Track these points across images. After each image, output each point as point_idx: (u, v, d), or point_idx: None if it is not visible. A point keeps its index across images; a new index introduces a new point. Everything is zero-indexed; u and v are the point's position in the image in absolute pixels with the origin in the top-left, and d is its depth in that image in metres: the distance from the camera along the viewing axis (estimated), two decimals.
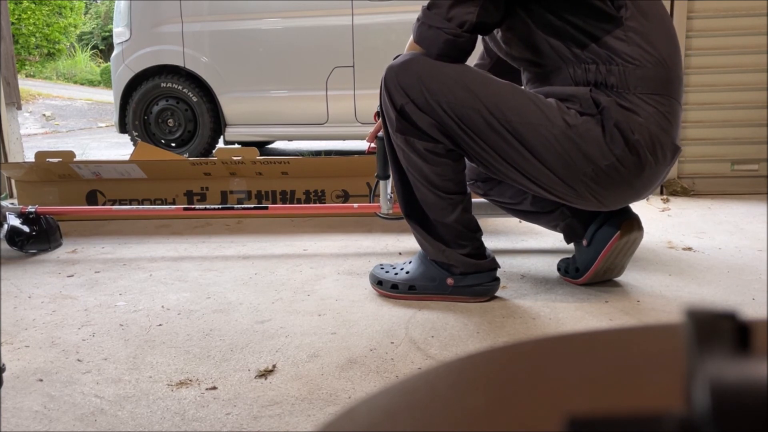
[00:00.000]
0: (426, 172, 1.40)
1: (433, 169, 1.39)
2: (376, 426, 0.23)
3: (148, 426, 0.98)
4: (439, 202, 1.42)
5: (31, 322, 1.43)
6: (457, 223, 1.43)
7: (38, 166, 2.39)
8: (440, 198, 1.42)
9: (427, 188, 1.42)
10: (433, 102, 1.34)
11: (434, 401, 0.25)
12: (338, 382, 1.11)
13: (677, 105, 1.36)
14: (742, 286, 1.55)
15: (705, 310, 0.18)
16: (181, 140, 4.44)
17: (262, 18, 4.13)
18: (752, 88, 2.65)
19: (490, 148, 1.34)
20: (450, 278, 1.46)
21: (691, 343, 0.18)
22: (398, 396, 0.25)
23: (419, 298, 1.49)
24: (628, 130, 1.28)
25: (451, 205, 1.42)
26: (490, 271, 1.47)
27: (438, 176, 1.40)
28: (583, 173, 1.31)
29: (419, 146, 1.38)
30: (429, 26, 1.34)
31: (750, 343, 0.18)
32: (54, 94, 10.28)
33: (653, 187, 1.40)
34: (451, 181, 1.41)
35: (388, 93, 1.38)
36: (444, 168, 1.39)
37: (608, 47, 1.30)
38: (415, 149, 1.39)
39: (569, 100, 1.33)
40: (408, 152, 1.40)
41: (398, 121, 1.38)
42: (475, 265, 1.45)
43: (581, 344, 0.28)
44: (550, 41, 1.35)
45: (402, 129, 1.39)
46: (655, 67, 1.31)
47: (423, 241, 1.48)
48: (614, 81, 1.30)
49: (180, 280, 1.70)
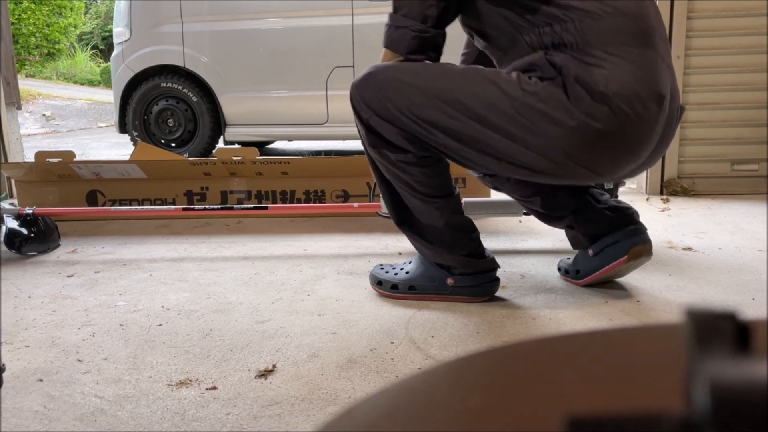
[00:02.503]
0: (406, 179, 1.39)
1: (412, 177, 1.39)
2: (376, 426, 0.23)
3: (148, 426, 0.98)
4: (426, 207, 1.42)
5: (31, 322, 1.43)
6: (448, 226, 1.43)
7: (38, 166, 2.39)
8: (426, 203, 1.41)
9: (412, 195, 1.41)
10: (395, 110, 1.32)
11: (434, 401, 0.25)
12: (338, 382, 1.11)
13: (654, 54, 1.27)
14: (742, 286, 1.55)
15: (705, 310, 0.18)
16: (181, 140, 4.44)
17: (262, 18, 4.13)
18: (752, 88, 2.65)
19: (460, 141, 1.31)
20: (450, 278, 1.46)
21: (691, 343, 0.18)
22: (398, 396, 0.25)
23: (419, 298, 1.49)
24: (591, 83, 1.21)
25: (438, 209, 1.42)
26: (489, 272, 1.47)
27: (418, 183, 1.39)
28: (556, 140, 1.24)
29: (392, 158, 1.37)
30: (396, 27, 1.34)
31: (750, 343, 0.18)
32: (54, 94, 10.28)
33: (651, 145, 1.30)
34: (431, 186, 1.40)
35: (355, 110, 1.38)
36: (420, 175, 1.38)
37: (559, 5, 1.25)
38: (389, 161, 1.38)
39: (530, 69, 1.28)
40: (385, 164, 1.40)
41: (368, 136, 1.38)
42: (475, 265, 1.45)
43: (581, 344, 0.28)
44: (503, 12, 1.31)
45: (373, 143, 1.38)
46: (616, 17, 1.24)
47: (420, 246, 1.48)
48: (571, 39, 1.24)
49: (180, 280, 1.70)
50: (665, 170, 2.73)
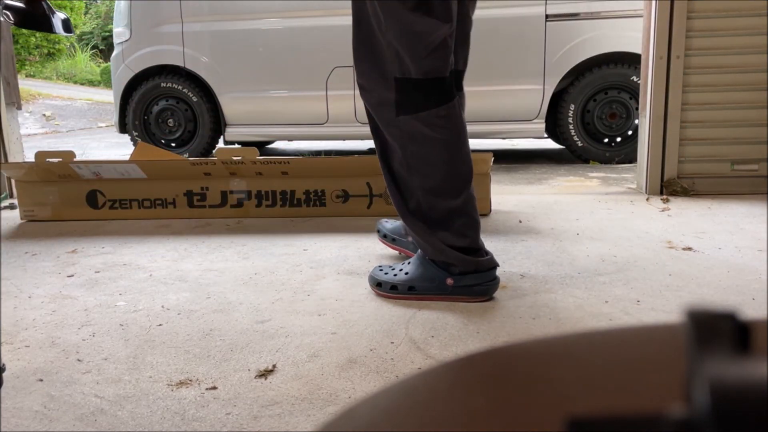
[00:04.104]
0: (440, 146, 1.36)
1: (445, 134, 1.35)
2: (376, 426, 0.23)
3: (148, 426, 0.98)
4: (451, 181, 1.39)
5: (31, 322, 1.43)
6: (466, 203, 1.41)
7: (38, 166, 2.39)
8: (452, 175, 1.39)
9: (441, 167, 1.37)
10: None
11: (434, 401, 0.25)
12: (338, 382, 1.11)
13: None
14: (742, 286, 1.55)
15: (705, 310, 0.18)
16: (181, 140, 4.44)
17: (262, 18, 4.13)
18: (752, 88, 2.65)
19: None
20: (449, 278, 1.46)
21: (691, 343, 0.18)
22: (398, 396, 0.25)
23: (419, 298, 1.49)
24: None
25: (463, 179, 1.39)
26: (489, 271, 1.47)
27: (454, 146, 1.36)
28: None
29: (424, 116, 1.33)
30: None
31: (750, 343, 0.18)
32: (54, 94, 10.27)
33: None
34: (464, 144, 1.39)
35: (363, 90, 1.39)
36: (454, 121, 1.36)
37: None
38: (422, 121, 1.34)
39: None
40: (415, 133, 1.36)
41: (399, 100, 1.34)
42: (475, 263, 1.45)
43: (581, 344, 0.28)
44: None
45: (402, 106, 1.34)
46: None
47: (421, 240, 1.47)
48: None
49: (180, 280, 1.70)
50: (665, 170, 2.73)
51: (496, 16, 3.83)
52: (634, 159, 3.33)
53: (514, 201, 2.64)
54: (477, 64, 3.97)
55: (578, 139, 3.95)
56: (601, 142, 3.97)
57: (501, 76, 3.90)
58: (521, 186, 3.17)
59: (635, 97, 3.82)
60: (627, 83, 3.86)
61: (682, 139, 2.71)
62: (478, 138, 4.36)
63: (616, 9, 3.77)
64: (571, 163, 4.01)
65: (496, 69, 3.88)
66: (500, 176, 3.46)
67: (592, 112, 3.93)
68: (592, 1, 3.80)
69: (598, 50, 3.82)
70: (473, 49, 1.50)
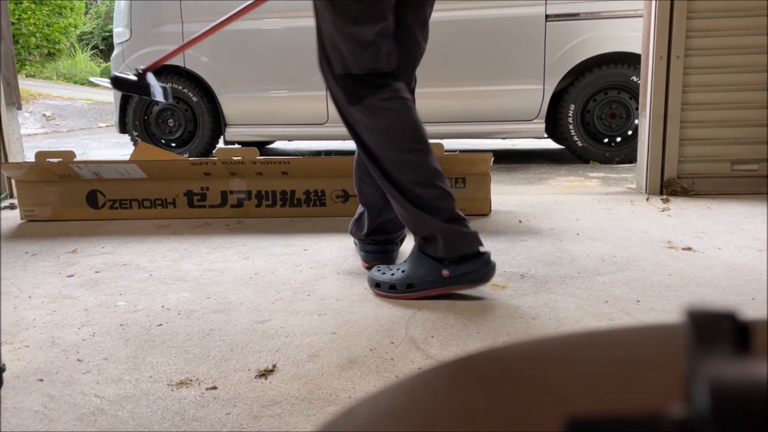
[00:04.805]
0: (387, 129, 1.47)
1: (388, 117, 1.47)
2: (376, 426, 0.23)
3: (148, 426, 0.98)
4: (408, 159, 1.47)
5: (31, 322, 1.43)
6: (430, 178, 1.47)
7: (38, 166, 2.39)
8: (408, 152, 1.47)
9: (395, 148, 1.48)
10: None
11: (434, 401, 0.25)
12: (338, 382, 1.11)
13: None
14: (742, 286, 1.55)
15: (705, 310, 0.18)
16: (181, 140, 4.44)
17: (262, 18, 4.13)
18: (752, 88, 2.65)
19: None
20: (445, 269, 1.46)
21: (691, 343, 0.18)
22: (398, 396, 0.25)
23: (419, 295, 1.49)
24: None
25: (421, 156, 1.47)
26: (481, 256, 1.46)
27: (400, 127, 1.47)
28: None
29: (373, 101, 1.47)
30: None
31: (750, 343, 0.18)
32: (54, 94, 10.27)
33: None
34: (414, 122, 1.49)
35: (324, 77, 1.55)
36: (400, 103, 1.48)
37: None
38: (371, 108, 1.47)
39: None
40: (367, 119, 1.49)
41: (345, 93, 1.50)
42: (458, 232, 1.45)
43: (581, 344, 0.28)
44: None
45: (349, 98, 1.49)
46: None
47: (406, 214, 1.50)
48: None
49: (180, 280, 1.70)
50: (665, 170, 2.73)
51: (496, 16, 3.83)
52: (634, 159, 3.33)
53: (514, 201, 2.64)
54: (477, 64, 3.98)
55: (578, 139, 3.95)
56: (601, 142, 3.97)
57: (501, 76, 3.90)
58: (521, 186, 3.17)
59: (635, 97, 3.82)
60: (627, 83, 3.86)
61: (682, 139, 2.71)
62: (478, 138, 4.36)
63: (616, 9, 3.77)
64: (571, 163, 4.02)
65: (496, 69, 3.88)
66: (500, 176, 3.46)
67: (592, 112, 3.93)
68: (592, 1, 3.80)
69: (598, 50, 3.82)
70: (473, 49, 1.52)
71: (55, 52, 12.12)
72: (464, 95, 3.94)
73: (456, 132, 4.06)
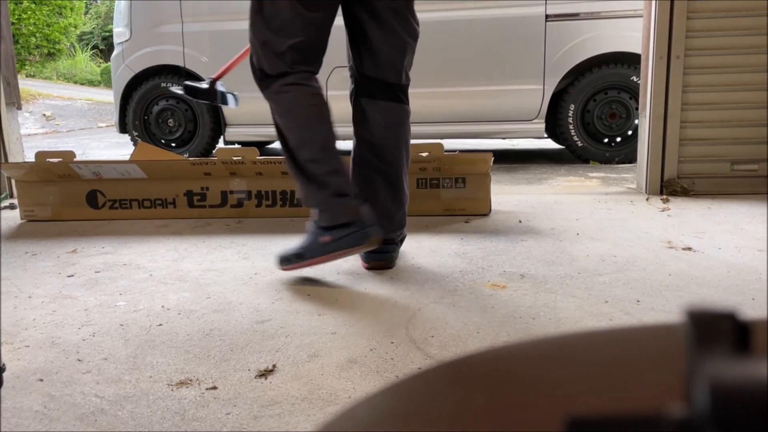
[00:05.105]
0: (282, 113, 1.66)
1: (282, 102, 1.66)
2: (376, 426, 0.23)
3: (148, 426, 0.98)
4: (306, 136, 1.64)
5: (31, 322, 1.43)
6: (323, 157, 1.62)
7: (38, 166, 2.39)
8: (306, 130, 1.64)
9: (295, 128, 1.65)
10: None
11: (434, 401, 0.25)
12: (338, 382, 1.11)
13: None
14: (742, 286, 1.55)
15: (705, 310, 0.18)
16: (181, 140, 4.44)
17: None
18: (752, 88, 2.65)
19: None
20: (325, 236, 1.57)
21: (691, 343, 0.18)
22: (398, 396, 0.25)
23: (308, 263, 1.62)
24: None
25: (317, 133, 1.64)
26: (360, 222, 1.57)
27: (293, 111, 1.64)
28: None
29: (276, 87, 1.64)
30: None
31: (750, 343, 0.18)
32: (54, 94, 10.27)
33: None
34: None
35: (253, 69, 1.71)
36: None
37: None
38: (274, 92, 1.66)
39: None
40: (272, 102, 1.68)
41: (257, 81, 1.69)
42: (342, 206, 1.58)
43: (581, 344, 0.28)
44: None
45: (261, 83, 1.69)
46: None
47: (300, 187, 1.64)
48: None
49: (180, 280, 1.70)
50: (665, 170, 2.73)
51: (496, 16, 3.83)
52: (634, 159, 3.33)
53: (514, 201, 2.64)
54: (477, 63, 3.98)
55: (578, 139, 3.95)
56: (601, 142, 3.97)
57: (501, 76, 3.90)
58: (521, 186, 3.17)
59: (635, 97, 3.82)
60: (627, 83, 3.86)
61: (682, 139, 2.71)
62: (478, 138, 4.36)
63: (616, 9, 3.77)
64: (571, 163, 4.02)
65: (496, 69, 3.88)
66: (500, 176, 3.46)
67: (592, 112, 3.93)
68: (592, 1, 3.80)
69: (598, 50, 3.82)
70: (473, 49, 1.52)
71: (55, 52, 12.12)
72: (464, 95, 3.94)
73: (456, 132, 4.06)
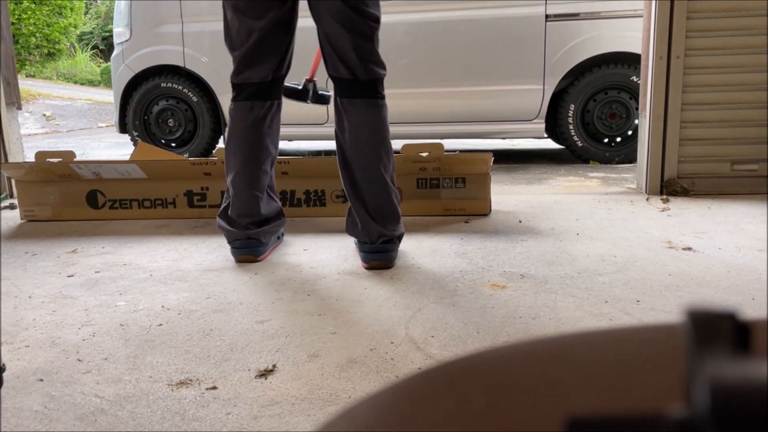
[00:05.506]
0: (230, 132, 1.80)
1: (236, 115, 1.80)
2: (376, 426, 0.23)
3: (148, 426, 0.98)
4: (230, 160, 1.81)
5: (31, 322, 1.43)
6: (234, 180, 1.80)
7: (38, 166, 2.39)
8: (232, 154, 1.80)
9: (228, 150, 1.81)
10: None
11: (434, 401, 0.25)
12: (338, 382, 1.11)
13: None
14: (742, 286, 1.55)
15: (705, 310, 0.18)
16: (182, 140, 4.44)
17: None
18: (752, 88, 2.65)
19: None
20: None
21: (691, 343, 0.18)
22: (398, 396, 0.25)
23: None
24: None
25: (235, 157, 1.80)
26: (240, 240, 1.82)
27: (234, 129, 1.79)
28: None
29: (231, 106, 1.79)
30: None
31: (750, 343, 0.18)
32: (54, 94, 10.27)
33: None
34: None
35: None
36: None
37: None
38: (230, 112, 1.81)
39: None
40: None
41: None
42: (225, 230, 1.83)
43: (581, 344, 0.28)
44: None
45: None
46: None
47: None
48: None
49: (180, 280, 1.70)
50: (665, 170, 2.73)
51: (496, 16, 3.83)
52: (634, 159, 3.33)
53: (514, 201, 2.64)
54: (477, 64, 3.98)
55: (578, 139, 3.95)
56: (601, 142, 3.97)
57: (501, 76, 3.90)
58: (521, 186, 3.17)
59: (635, 97, 3.82)
60: (627, 83, 3.86)
61: (681, 139, 2.71)
62: (478, 138, 4.36)
63: (616, 9, 3.77)
64: (571, 163, 4.02)
65: (496, 69, 3.88)
66: (500, 176, 3.46)
67: (592, 112, 3.93)
68: (592, 1, 3.80)
69: (598, 50, 3.82)
70: (473, 49, 1.51)
71: (55, 52, 12.12)
72: (464, 95, 3.94)
73: (456, 132, 4.06)
